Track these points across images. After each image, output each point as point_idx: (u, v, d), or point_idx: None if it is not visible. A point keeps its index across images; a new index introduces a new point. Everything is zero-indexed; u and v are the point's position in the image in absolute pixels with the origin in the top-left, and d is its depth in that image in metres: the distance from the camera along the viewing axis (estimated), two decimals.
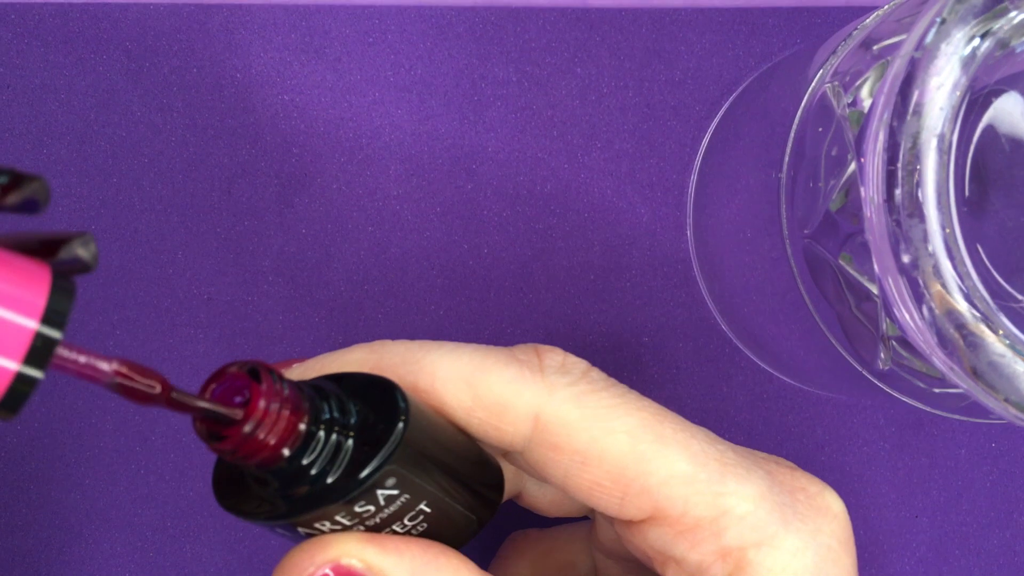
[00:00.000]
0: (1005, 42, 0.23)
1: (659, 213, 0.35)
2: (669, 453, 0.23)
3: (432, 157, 0.34)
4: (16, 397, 0.17)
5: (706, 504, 0.23)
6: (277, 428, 0.20)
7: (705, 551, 0.23)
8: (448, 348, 0.24)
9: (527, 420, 0.23)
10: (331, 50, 0.34)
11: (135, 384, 0.18)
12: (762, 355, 0.35)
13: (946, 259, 0.22)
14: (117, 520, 0.34)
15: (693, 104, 0.35)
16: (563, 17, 0.34)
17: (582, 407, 0.23)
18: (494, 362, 0.23)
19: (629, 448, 0.23)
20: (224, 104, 0.34)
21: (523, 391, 0.23)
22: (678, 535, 0.23)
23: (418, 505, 0.22)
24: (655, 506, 0.23)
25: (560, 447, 0.23)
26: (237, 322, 0.34)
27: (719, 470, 0.23)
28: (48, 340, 0.17)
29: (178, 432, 0.34)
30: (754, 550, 0.23)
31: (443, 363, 0.23)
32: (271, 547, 0.34)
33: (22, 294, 0.17)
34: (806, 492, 0.24)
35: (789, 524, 0.23)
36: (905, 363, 0.26)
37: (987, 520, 0.35)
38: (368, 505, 0.21)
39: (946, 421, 0.35)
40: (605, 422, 0.23)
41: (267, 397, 0.20)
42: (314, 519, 0.21)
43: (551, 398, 0.23)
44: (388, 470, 0.21)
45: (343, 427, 0.21)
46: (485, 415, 0.23)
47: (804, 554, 0.23)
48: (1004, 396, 0.22)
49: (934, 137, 0.22)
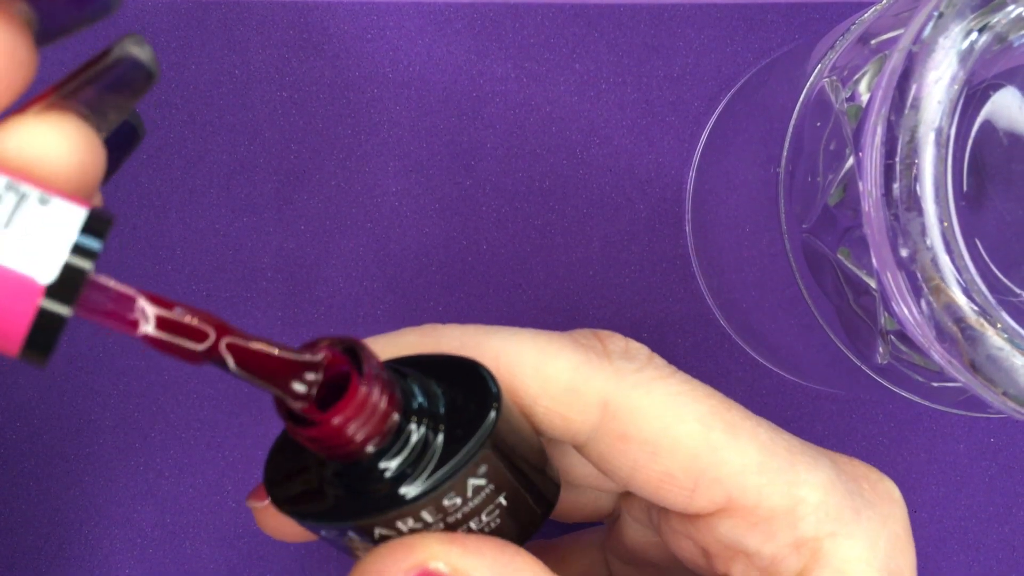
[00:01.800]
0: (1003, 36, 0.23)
1: (658, 208, 0.35)
2: (741, 442, 0.22)
3: (431, 153, 0.34)
4: (45, 334, 0.15)
5: (780, 494, 0.22)
6: (373, 417, 0.19)
7: (780, 543, 0.22)
8: (509, 332, 0.23)
9: (596, 408, 0.22)
10: (329, 46, 0.34)
11: (181, 328, 0.16)
12: (760, 350, 0.35)
13: (944, 253, 0.22)
14: (116, 517, 0.34)
15: (692, 100, 0.35)
16: (561, 13, 0.34)
17: (652, 394, 0.22)
18: (559, 347, 0.22)
19: (702, 437, 0.22)
20: (223, 100, 0.34)
21: (591, 377, 0.22)
22: (751, 527, 0.22)
23: (497, 498, 0.21)
24: (728, 497, 0.22)
25: (630, 436, 0.22)
26: (236, 319, 0.34)
27: (788, 459, 0.22)
28: (76, 270, 0.15)
29: (177, 428, 0.34)
30: (829, 540, 0.22)
31: (507, 348, 0.22)
32: (270, 544, 0.34)
33: None
34: (869, 480, 0.24)
35: (860, 513, 0.22)
36: (904, 357, 0.26)
37: (986, 515, 0.35)
38: (457, 497, 0.20)
39: (945, 416, 0.35)
40: (676, 409, 0.22)
41: (367, 382, 0.19)
42: (400, 516, 0.20)
43: (620, 384, 0.22)
44: (484, 455, 0.20)
45: (432, 415, 0.20)
46: (552, 403, 0.22)
47: (877, 543, 0.22)
48: (1003, 390, 0.22)
49: (932, 131, 0.22)
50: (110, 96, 0.17)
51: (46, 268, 0.15)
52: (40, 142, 0.16)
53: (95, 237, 0.15)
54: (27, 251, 0.15)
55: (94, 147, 0.17)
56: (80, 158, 0.16)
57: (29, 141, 0.16)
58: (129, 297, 0.16)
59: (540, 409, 0.22)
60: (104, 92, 0.17)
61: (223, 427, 0.34)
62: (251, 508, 0.24)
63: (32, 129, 0.16)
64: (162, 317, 0.16)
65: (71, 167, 0.16)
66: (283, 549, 0.34)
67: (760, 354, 0.35)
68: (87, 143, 0.17)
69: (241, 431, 0.34)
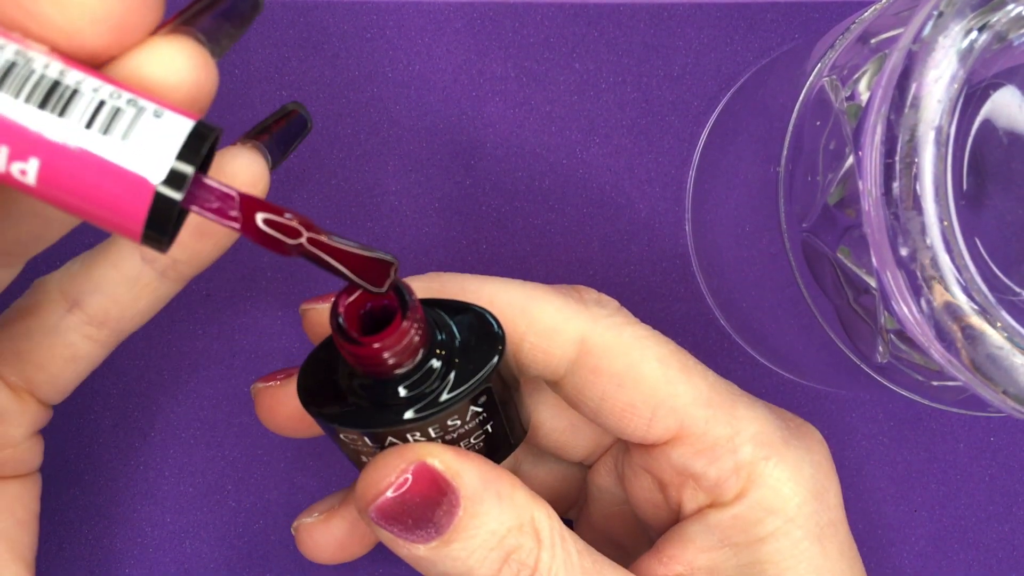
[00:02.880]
0: (1002, 35, 0.23)
1: (658, 208, 0.35)
2: (693, 379, 0.26)
3: (430, 152, 0.34)
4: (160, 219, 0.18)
5: (723, 424, 0.26)
6: (408, 348, 0.22)
7: (723, 467, 0.26)
8: (501, 281, 0.26)
9: (573, 345, 0.26)
10: (329, 45, 0.34)
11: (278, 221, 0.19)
12: (760, 349, 0.35)
13: (944, 252, 0.22)
14: (116, 516, 0.34)
15: (691, 99, 0.35)
16: (561, 12, 0.34)
17: (621, 336, 0.26)
18: (543, 293, 0.26)
19: (660, 373, 0.26)
20: (222, 99, 0.34)
21: (570, 319, 0.26)
22: (699, 453, 0.26)
23: (485, 425, 0.24)
24: (680, 425, 0.26)
25: (600, 370, 0.26)
26: (236, 318, 0.34)
27: (730, 397, 0.26)
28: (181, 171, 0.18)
29: (177, 428, 0.34)
30: (763, 463, 0.26)
31: (500, 293, 0.26)
32: (270, 543, 0.34)
33: None
34: (794, 421, 0.28)
35: (788, 443, 0.26)
36: (903, 356, 0.26)
37: (986, 514, 0.35)
38: (458, 419, 0.23)
39: (945, 415, 0.35)
40: (640, 350, 0.26)
41: (410, 320, 0.21)
42: (411, 429, 0.23)
43: (594, 326, 0.26)
44: (486, 388, 0.23)
45: (448, 349, 0.23)
46: (537, 340, 0.26)
47: (802, 467, 0.26)
48: (1002, 388, 0.22)
49: (932, 130, 0.22)
50: (223, 24, 0.20)
51: (158, 168, 0.18)
52: (162, 63, 0.19)
53: (201, 142, 0.18)
54: (143, 156, 0.18)
55: (208, 67, 0.19)
56: (196, 76, 0.19)
57: (153, 62, 0.19)
58: (231, 196, 0.19)
59: (527, 345, 0.26)
60: (218, 20, 0.20)
61: (223, 427, 0.34)
62: (255, 393, 0.28)
63: (157, 52, 0.19)
64: (266, 218, 0.19)
65: (188, 85, 0.19)
66: (283, 549, 0.34)
67: (760, 353, 0.35)
68: (202, 64, 0.19)
69: (241, 431, 0.34)
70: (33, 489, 0.28)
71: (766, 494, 0.26)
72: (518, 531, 0.24)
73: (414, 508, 0.23)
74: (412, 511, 0.23)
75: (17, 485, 0.27)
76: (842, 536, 0.26)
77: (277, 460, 0.34)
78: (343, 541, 0.29)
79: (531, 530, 0.24)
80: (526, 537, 0.24)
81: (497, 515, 0.24)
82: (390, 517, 0.23)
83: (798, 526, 0.26)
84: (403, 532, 0.23)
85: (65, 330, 0.26)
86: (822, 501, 0.26)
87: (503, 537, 0.24)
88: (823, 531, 0.26)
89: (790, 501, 0.26)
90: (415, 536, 0.23)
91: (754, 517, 0.26)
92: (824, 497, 0.26)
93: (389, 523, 0.23)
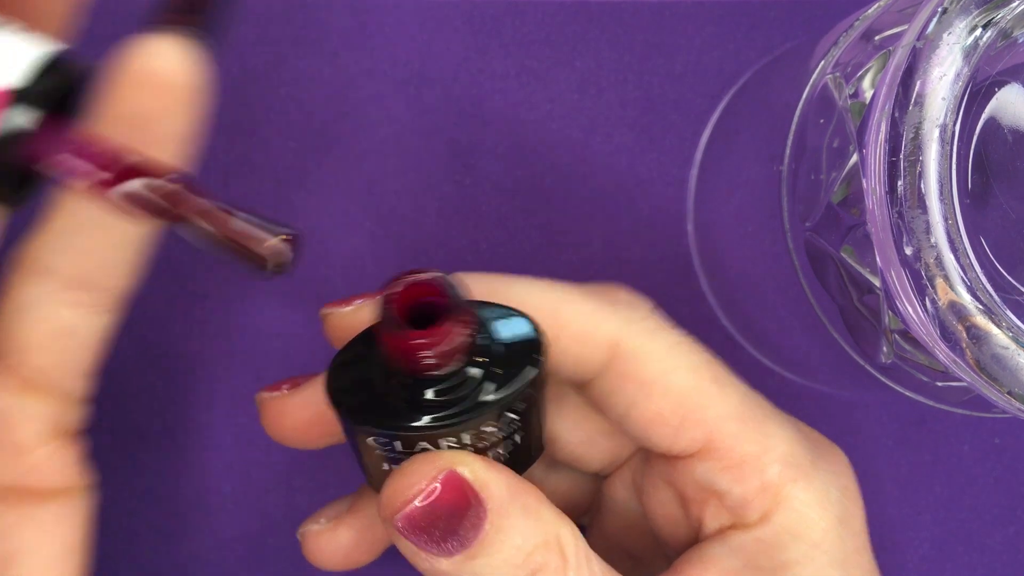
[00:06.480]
0: (1007, 32, 0.23)
1: (659, 207, 0.35)
2: (725, 392, 0.25)
3: (430, 151, 0.34)
4: None
5: (752, 441, 0.25)
6: (452, 348, 0.21)
7: (749, 486, 0.25)
8: (530, 280, 0.26)
9: (605, 349, 0.25)
10: (328, 43, 0.34)
11: None
12: (763, 350, 0.34)
13: (949, 251, 0.22)
14: (113, 519, 0.34)
15: (694, 97, 0.35)
16: (562, 9, 0.34)
17: (654, 341, 0.25)
18: (575, 295, 0.26)
19: (692, 383, 0.25)
20: (220, 98, 0.34)
21: (603, 323, 0.25)
22: (724, 469, 0.25)
23: (515, 435, 0.24)
24: (708, 439, 0.25)
25: (630, 376, 0.25)
26: (233, 318, 0.34)
27: (762, 413, 0.26)
28: None
29: (174, 431, 0.34)
30: (791, 486, 0.25)
31: (530, 294, 0.25)
32: (267, 548, 0.34)
33: None
34: (822, 442, 0.27)
35: (816, 465, 0.26)
36: (908, 357, 0.26)
37: (991, 517, 0.35)
38: (492, 427, 0.23)
39: (949, 417, 0.35)
40: (672, 357, 0.25)
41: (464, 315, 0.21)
42: (445, 434, 0.23)
43: (627, 330, 0.25)
44: (526, 395, 0.23)
45: (487, 353, 0.23)
46: (568, 343, 0.25)
47: (830, 491, 0.25)
48: (1008, 389, 0.22)
49: (936, 127, 0.22)
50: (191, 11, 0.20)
51: None
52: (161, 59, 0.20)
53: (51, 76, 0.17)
54: None
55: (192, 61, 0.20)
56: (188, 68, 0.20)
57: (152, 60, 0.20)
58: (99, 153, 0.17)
59: (557, 348, 0.25)
60: None
61: (221, 428, 0.34)
62: (260, 403, 0.27)
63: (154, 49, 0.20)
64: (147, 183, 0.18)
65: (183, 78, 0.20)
66: (282, 552, 0.34)
67: (763, 353, 0.35)
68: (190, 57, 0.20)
69: (240, 432, 0.34)
70: (74, 509, 0.24)
71: (792, 518, 0.25)
72: (544, 548, 0.23)
73: (441, 519, 0.23)
74: (439, 522, 0.23)
75: (55, 505, 0.24)
76: (866, 564, 0.26)
77: (275, 462, 0.34)
78: (350, 550, 0.28)
79: (557, 548, 0.23)
80: (552, 555, 0.23)
81: (523, 530, 0.23)
82: (417, 528, 0.23)
83: (823, 551, 0.25)
84: (428, 544, 0.23)
85: (40, 303, 0.23)
86: (848, 527, 0.25)
87: (529, 554, 0.23)
88: (848, 558, 0.25)
89: (816, 526, 0.25)
90: (439, 549, 0.23)
91: (778, 541, 0.25)
92: (850, 523, 0.26)
93: (415, 534, 0.23)
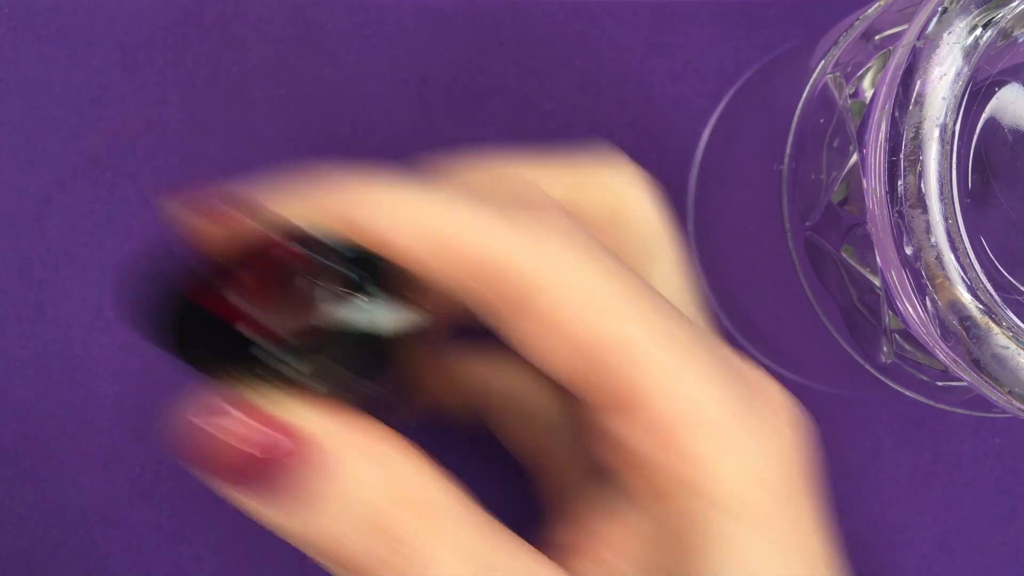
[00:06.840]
0: (1007, 32, 0.23)
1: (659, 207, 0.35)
2: (649, 336, 0.22)
3: (430, 151, 0.34)
4: None
5: (677, 397, 0.21)
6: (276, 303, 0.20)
7: (669, 453, 0.21)
8: (406, 192, 0.23)
9: (481, 275, 0.21)
10: (328, 43, 0.34)
11: None
12: (764, 350, 0.34)
13: (949, 250, 0.22)
14: (113, 518, 0.34)
15: (693, 97, 0.35)
16: (562, 9, 0.34)
17: (558, 270, 0.21)
18: (473, 216, 0.22)
19: (607, 325, 0.21)
20: (220, 98, 0.34)
21: (513, 255, 0.21)
22: (644, 433, 0.22)
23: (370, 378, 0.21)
24: (623, 395, 0.21)
25: (528, 313, 0.22)
26: None
27: (689, 362, 0.22)
28: None
29: None
30: (718, 452, 0.21)
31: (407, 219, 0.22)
32: (268, 546, 0.34)
33: None
34: (763, 394, 0.23)
35: (749, 425, 0.22)
36: (908, 356, 0.26)
37: (991, 516, 0.35)
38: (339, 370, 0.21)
39: (949, 416, 0.35)
40: (583, 293, 0.22)
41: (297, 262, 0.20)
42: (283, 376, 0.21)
43: (523, 252, 0.21)
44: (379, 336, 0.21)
45: (356, 286, 0.21)
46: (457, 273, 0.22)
47: (766, 457, 0.22)
48: (1008, 389, 0.22)
49: (936, 127, 0.22)
50: None
51: None
52: None
53: None
54: None
55: None
56: None
57: None
58: None
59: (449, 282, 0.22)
60: None
61: None
62: None
63: None
64: None
65: None
66: (282, 551, 0.34)
67: (763, 354, 0.35)
68: None
69: None
70: None
71: (720, 489, 0.21)
72: (390, 500, 0.20)
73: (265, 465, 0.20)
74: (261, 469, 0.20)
75: None
76: (807, 537, 0.22)
77: None
78: None
79: (411, 500, 0.20)
80: (401, 508, 0.20)
81: (365, 479, 0.20)
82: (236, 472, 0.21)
83: (755, 528, 0.22)
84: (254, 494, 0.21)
85: None
86: (786, 499, 0.22)
87: (372, 505, 0.20)
88: (785, 534, 0.22)
89: (745, 498, 0.22)
90: (268, 500, 0.21)
91: (704, 516, 0.22)
92: (789, 493, 0.22)
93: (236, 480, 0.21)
